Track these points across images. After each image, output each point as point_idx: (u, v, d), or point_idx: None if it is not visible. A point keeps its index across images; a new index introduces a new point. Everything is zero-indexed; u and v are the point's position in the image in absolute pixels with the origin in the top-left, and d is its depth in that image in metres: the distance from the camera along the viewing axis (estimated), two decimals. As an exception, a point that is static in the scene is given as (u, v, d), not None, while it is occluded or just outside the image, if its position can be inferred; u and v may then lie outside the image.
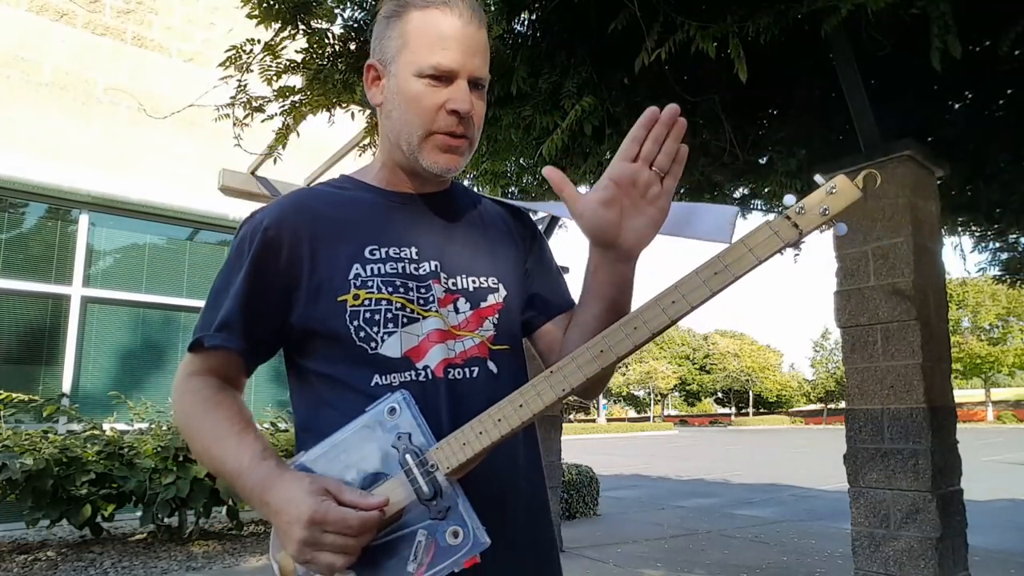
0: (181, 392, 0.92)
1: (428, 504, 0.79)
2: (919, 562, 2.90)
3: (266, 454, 0.83)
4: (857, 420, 3.19)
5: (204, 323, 0.93)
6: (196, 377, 0.92)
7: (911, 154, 3.13)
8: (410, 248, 0.96)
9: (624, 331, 0.78)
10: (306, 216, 0.95)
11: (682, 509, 8.83)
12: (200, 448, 0.88)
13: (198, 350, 0.92)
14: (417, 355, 0.91)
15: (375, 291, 0.91)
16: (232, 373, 0.94)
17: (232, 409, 0.89)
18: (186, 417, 0.90)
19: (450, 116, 0.93)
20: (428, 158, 0.95)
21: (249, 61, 3.87)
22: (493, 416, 0.80)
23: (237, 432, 0.85)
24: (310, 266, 0.92)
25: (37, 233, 6.52)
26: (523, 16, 3.63)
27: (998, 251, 6.42)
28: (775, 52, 3.18)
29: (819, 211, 0.73)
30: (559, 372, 0.79)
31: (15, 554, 4.89)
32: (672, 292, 0.77)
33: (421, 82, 0.92)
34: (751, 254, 0.74)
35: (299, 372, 0.96)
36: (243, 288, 0.91)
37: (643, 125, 0.85)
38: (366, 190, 1.02)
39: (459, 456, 0.79)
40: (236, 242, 0.95)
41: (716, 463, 17.67)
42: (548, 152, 3.62)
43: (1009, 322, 48.14)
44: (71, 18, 6.81)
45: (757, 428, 54.10)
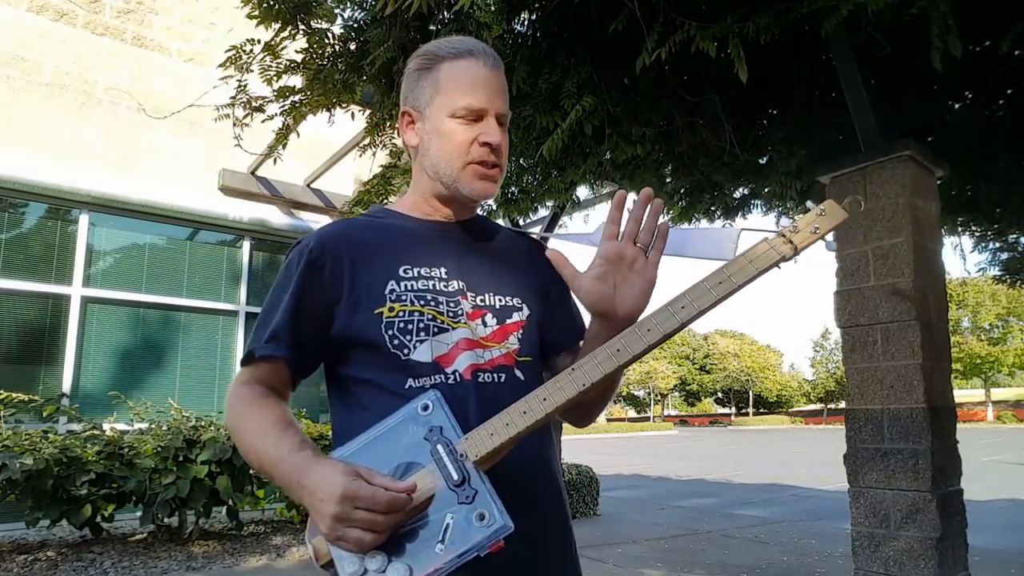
0: (232, 399, 1.01)
1: (456, 490, 0.84)
2: (919, 562, 2.90)
3: (304, 445, 0.90)
4: (857, 420, 3.19)
5: (256, 339, 1.03)
6: (246, 386, 1.01)
7: (911, 154, 3.13)
8: (440, 268, 1.07)
9: (639, 332, 0.86)
10: (346, 240, 1.07)
11: (682, 509, 8.83)
12: (246, 445, 0.96)
13: (249, 362, 1.03)
14: (447, 361, 1.00)
15: (408, 304, 1.02)
16: (279, 383, 1.04)
17: (276, 410, 0.97)
18: (235, 418, 0.99)
19: (482, 147, 1.06)
20: (468, 185, 1.07)
21: (249, 61, 3.87)
22: (519, 409, 0.86)
23: (280, 429, 0.93)
24: (350, 283, 1.02)
25: (37, 233, 6.52)
26: (523, 16, 3.63)
27: (998, 251, 6.42)
28: (775, 52, 3.18)
29: (810, 230, 0.85)
30: (579, 369, 0.86)
31: (15, 554, 4.89)
32: (682, 298, 0.86)
33: (456, 121, 1.06)
34: (751, 265, 0.85)
35: (338, 380, 1.06)
36: (290, 303, 1.02)
37: (617, 207, 1.00)
38: (399, 218, 1.14)
39: (487, 445, 0.85)
40: (284, 267, 1.07)
41: (716, 463, 17.67)
42: (548, 152, 3.62)
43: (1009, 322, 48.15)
44: (71, 18, 6.81)
45: (757, 428, 54.09)
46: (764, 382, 68.70)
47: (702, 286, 0.86)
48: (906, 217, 3.09)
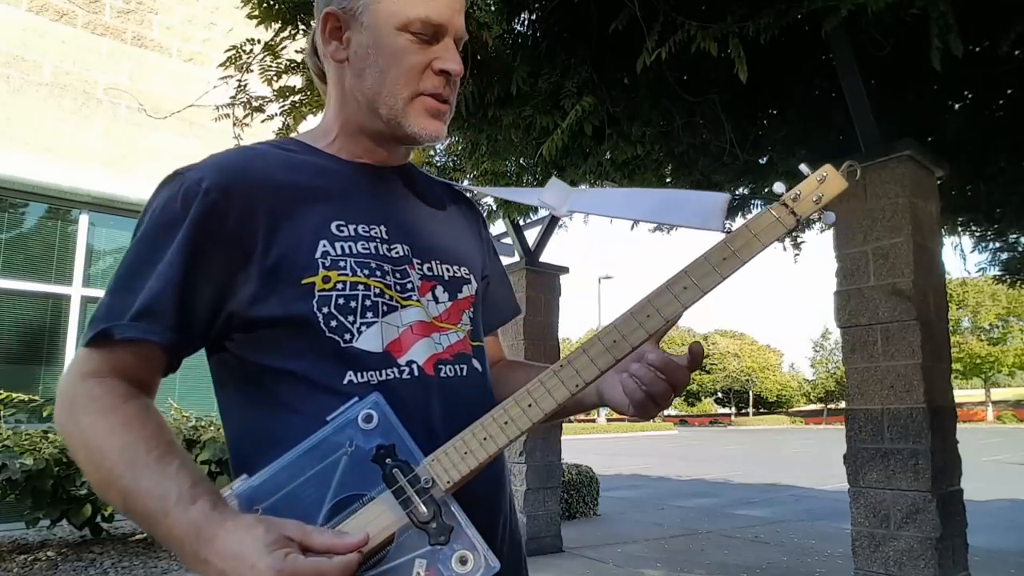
0: (73, 401, 0.70)
1: (425, 527, 0.66)
2: (919, 562, 2.90)
3: (197, 490, 0.64)
4: (857, 420, 3.19)
5: (112, 310, 0.72)
6: (95, 380, 0.71)
7: (911, 154, 3.13)
8: (379, 227, 0.83)
9: (637, 320, 0.73)
10: (258, 179, 0.79)
11: (682, 509, 8.83)
12: (103, 479, 0.67)
13: (101, 344, 0.72)
14: (398, 350, 0.78)
15: (349, 273, 0.77)
16: (146, 374, 0.75)
17: (146, 426, 0.69)
18: (82, 435, 0.68)
19: (438, 76, 0.84)
20: (415, 123, 0.84)
21: (249, 61, 3.87)
22: (499, 419, 0.70)
23: (156, 459, 0.66)
24: (264, 241, 0.75)
25: (37, 233, 6.52)
26: (523, 16, 3.63)
27: (998, 251, 6.42)
28: (775, 52, 3.18)
29: (812, 199, 0.74)
30: (570, 366, 0.72)
31: (15, 554, 4.89)
32: (683, 278, 0.73)
33: (405, 37, 0.82)
34: (757, 240, 0.74)
35: (238, 371, 0.78)
36: (176, 265, 0.72)
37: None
38: (320, 156, 0.87)
39: (461, 468, 0.68)
40: (157, 207, 0.76)
41: (716, 463, 17.67)
42: (548, 152, 3.62)
43: (1009, 322, 48.15)
44: (71, 18, 6.81)
45: (757, 428, 54.10)
46: (764, 382, 68.69)
47: (705, 264, 0.73)
48: (906, 217, 3.09)
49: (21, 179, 6.21)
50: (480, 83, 3.50)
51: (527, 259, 6.09)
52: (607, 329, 0.73)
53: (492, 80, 3.53)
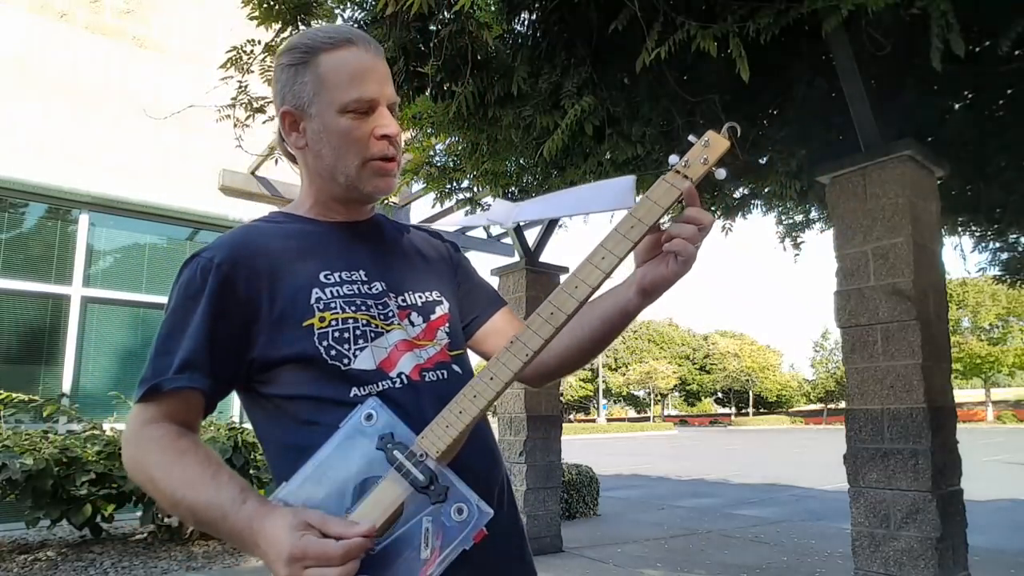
0: (137, 444, 0.88)
1: (426, 491, 0.81)
2: (919, 562, 2.90)
3: (246, 494, 0.82)
4: (857, 420, 3.19)
5: (157, 370, 0.90)
6: (153, 426, 0.89)
7: (911, 154, 3.13)
8: (359, 271, 1.01)
9: (567, 291, 0.86)
10: (257, 250, 0.98)
11: (682, 509, 8.83)
12: (172, 499, 0.84)
13: (152, 398, 0.90)
14: (389, 365, 0.95)
15: (339, 311, 0.95)
16: (191, 416, 0.93)
17: (199, 454, 0.87)
18: (149, 469, 0.87)
19: (380, 141, 0.99)
20: (368, 184, 1.01)
21: (250, 62, 3.88)
22: (467, 395, 0.83)
23: (211, 476, 0.83)
24: (269, 298, 0.94)
25: (37, 233, 6.52)
26: (523, 16, 3.63)
27: (998, 251, 6.42)
28: (775, 52, 3.18)
29: (700, 161, 0.87)
30: (518, 341, 0.84)
31: (15, 554, 4.89)
32: (600, 250, 0.86)
33: (347, 117, 0.98)
34: (656, 205, 0.87)
35: (266, 401, 0.96)
36: (203, 326, 0.91)
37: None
38: (303, 222, 1.06)
39: (444, 439, 0.82)
40: (182, 285, 0.95)
41: (716, 463, 17.67)
42: (548, 152, 3.62)
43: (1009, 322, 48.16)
44: (71, 18, 6.81)
45: (757, 428, 54.10)
46: (764, 382, 68.71)
47: (616, 234, 0.86)
48: (906, 217, 3.09)
49: (21, 179, 6.22)
50: (480, 83, 3.50)
51: (527, 259, 6.09)
52: (544, 304, 0.86)
53: (492, 80, 3.53)
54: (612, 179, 0.98)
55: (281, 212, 1.10)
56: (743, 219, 5.74)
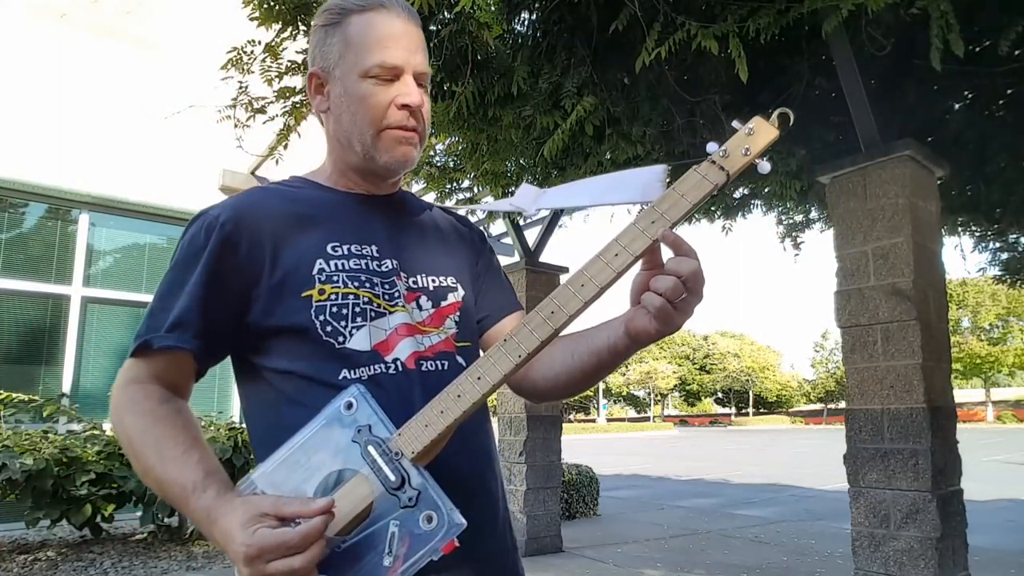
0: (120, 403, 0.85)
1: (396, 493, 0.76)
2: (919, 562, 2.90)
3: (209, 480, 0.78)
4: (857, 420, 3.19)
5: (151, 326, 0.87)
6: (137, 385, 0.86)
7: (911, 154, 3.13)
8: (370, 246, 0.96)
9: (572, 289, 0.77)
10: (265, 213, 0.93)
11: (682, 509, 8.83)
12: (142, 469, 0.82)
13: (143, 354, 0.87)
14: (385, 349, 0.90)
15: (341, 285, 0.90)
16: (181, 378, 0.89)
17: (176, 425, 0.83)
18: (126, 432, 0.83)
19: (400, 111, 0.94)
20: (384, 153, 0.96)
21: (250, 62, 3.87)
22: (451, 393, 0.77)
23: (181, 453, 0.80)
24: (271, 263, 0.90)
25: (37, 233, 6.52)
26: (523, 16, 3.63)
27: (998, 251, 6.42)
28: (775, 52, 3.19)
29: (741, 152, 0.76)
30: (512, 339, 0.77)
31: (15, 554, 4.89)
32: (613, 245, 0.77)
33: (368, 82, 0.94)
34: (684, 199, 0.76)
35: (256, 373, 0.92)
36: (199, 285, 0.87)
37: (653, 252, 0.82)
38: (321, 189, 1.02)
39: (422, 439, 0.76)
40: (186, 241, 0.92)
41: (716, 463, 17.67)
42: (549, 152, 3.63)
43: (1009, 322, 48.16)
44: (71, 18, 6.81)
45: (757, 428, 54.10)
46: (764, 382, 68.71)
47: (634, 229, 0.76)
48: (906, 217, 3.09)
49: (21, 179, 6.21)
50: (480, 83, 3.50)
51: (527, 259, 6.09)
52: (545, 302, 0.77)
53: (492, 80, 3.53)
54: (641, 168, 0.90)
55: (299, 177, 1.06)
56: (743, 219, 5.75)
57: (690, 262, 0.77)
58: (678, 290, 0.77)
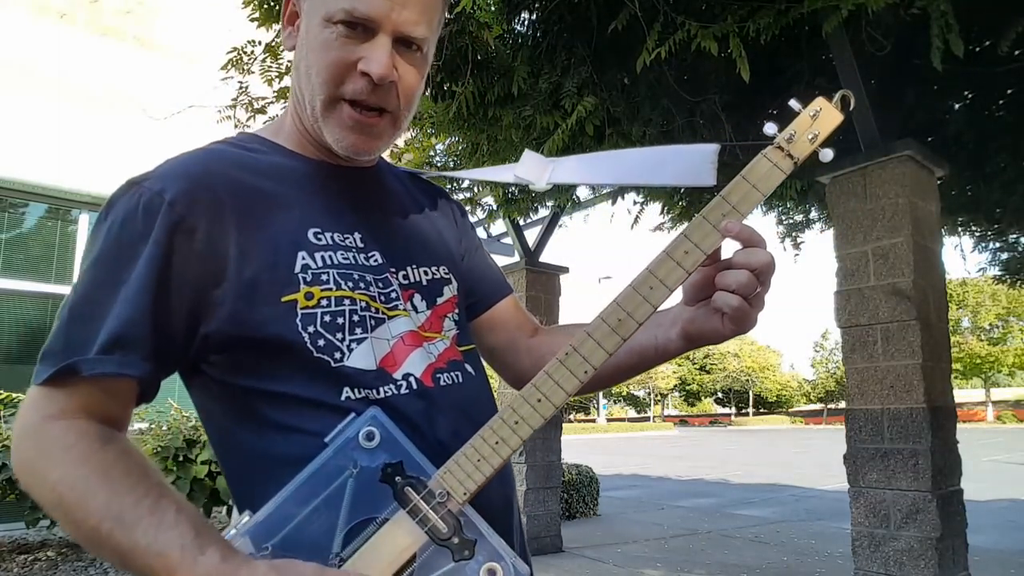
0: (38, 450, 0.61)
1: (446, 543, 0.63)
2: (919, 562, 2.90)
3: (200, 539, 0.57)
4: (857, 420, 3.19)
5: (73, 342, 0.63)
6: (62, 426, 0.62)
7: (911, 154, 3.13)
8: (353, 234, 0.76)
9: (640, 294, 0.67)
10: (224, 186, 0.71)
11: (682, 509, 8.83)
12: (91, 538, 0.59)
13: (65, 383, 0.63)
14: (392, 364, 0.72)
15: (332, 287, 0.70)
16: (118, 410, 0.66)
17: (130, 473, 0.61)
18: (57, 486, 0.60)
19: (361, 79, 0.72)
20: (333, 134, 0.75)
21: (250, 63, 3.87)
22: (508, 419, 0.65)
23: (149, 508, 0.58)
24: (238, 256, 0.68)
25: (37, 233, 6.52)
26: (523, 16, 3.63)
27: (998, 251, 6.42)
28: (775, 52, 3.19)
29: (808, 137, 0.69)
30: (575, 354, 0.66)
31: (15, 554, 4.89)
32: (683, 242, 0.67)
33: (331, 30, 0.71)
34: (755, 190, 0.68)
35: (225, 394, 0.71)
36: (144, 289, 0.64)
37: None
38: (285, 155, 0.80)
39: (476, 477, 0.64)
40: (116, 225, 0.67)
41: (716, 463, 17.67)
42: (549, 152, 3.63)
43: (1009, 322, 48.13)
44: (71, 18, 6.81)
45: (757, 428, 54.11)
46: (764, 382, 68.69)
47: (704, 225, 0.67)
48: (906, 217, 3.09)
49: (21, 179, 6.22)
50: (480, 83, 3.51)
51: (527, 259, 6.09)
52: (610, 308, 0.67)
53: (492, 80, 3.53)
54: (686, 146, 0.79)
55: (256, 136, 0.83)
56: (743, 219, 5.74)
57: (763, 253, 0.68)
58: (752, 285, 0.68)
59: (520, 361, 0.95)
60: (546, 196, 5.16)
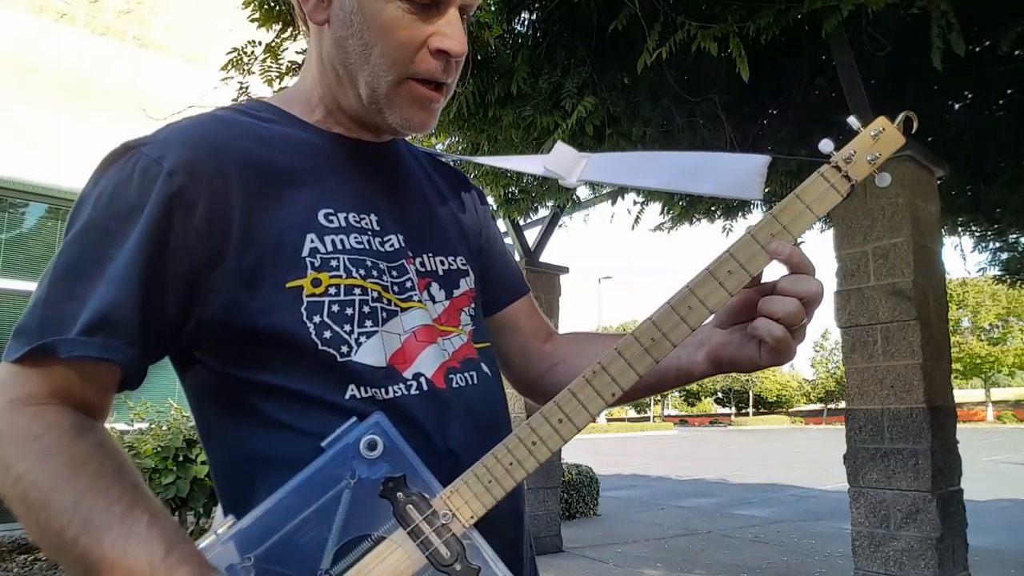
0: (5, 437, 0.55)
1: (447, 570, 0.57)
2: (919, 562, 2.90)
3: (173, 557, 0.52)
4: (857, 420, 3.19)
5: (49, 320, 0.57)
6: (30, 412, 0.56)
7: (911, 154, 3.13)
8: (370, 215, 0.71)
9: (679, 312, 0.62)
10: (230, 158, 0.64)
11: (682, 509, 8.83)
12: (52, 542, 0.53)
13: (38, 362, 0.56)
14: (402, 361, 0.67)
15: (342, 275, 0.65)
16: (97, 396, 0.60)
17: (103, 470, 0.55)
18: (18, 486, 0.54)
19: (435, 58, 0.68)
20: (399, 113, 0.70)
21: (250, 63, 3.88)
22: (526, 440, 0.60)
23: (121, 514, 0.52)
24: (241, 235, 0.62)
25: (37, 233, 6.52)
26: (523, 16, 3.63)
27: (998, 251, 6.43)
28: (775, 52, 3.19)
29: (868, 159, 0.65)
30: (604, 373, 0.62)
31: (15, 554, 4.89)
32: (728, 261, 0.63)
33: (397, 6, 0.65)
34: (809, 211, 0.63)
35: (219, 385, 0.66)
36: (135, 266, 0.58)
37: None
38: (299, 127, 0.73)
39: (485, 500, 0.59)
40: (107, 193, 0.63)
41: (716, 463, 17.67)
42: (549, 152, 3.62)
43: (1009, 322, 48.13)
44: (71, 18, 6.82)
45: (757, 428, 54.11)
46: (764, 382, 68.68)
47: (752, 244, 0.63)
48: (906, 217, 3.10)
49: (21, 179, 6.22)
50: (481, 83, 3.51)
51: (527, 259, 6.09)
52: (644, 327, 0.63)
53: (492, 80, 3.53)
54: (738, 155, 0.75)
55: (267, 103, 0.76)
56: (743, 219, 5.74)
57: (814, 282, 0.64)
58: (800, 316, 0.63)
59: (532, 367, 0.90)
60: (546, 196, 5.16)
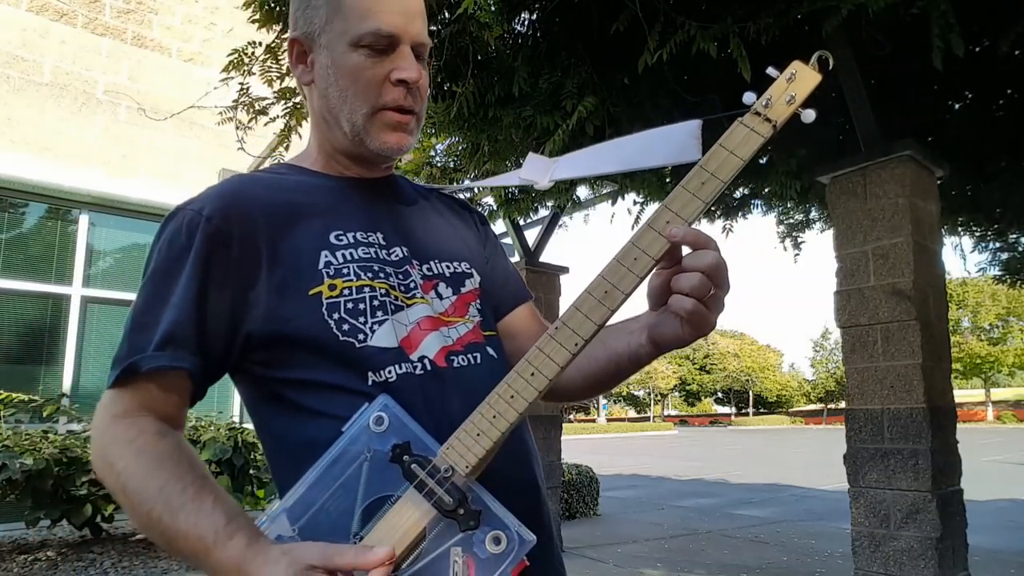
0: (106, 446, 0.73)
1: (454, 515, 0.67)
2: (919, 562, 2.90)
3: (231, 526, 0.66)
4: (857, 420, 3.19)
5: (134, 346, 0.75)
6: (126, 423, 0.73)
7: (911, 154, 3.13)
8: (375, 233, 0.86)
9: (624, 266, 0.69)
10: (254, 203, 0.82)
11: (682, 509, 8.83)
12: (146, 519, 0.69)
13: (129, 381, 0.74)
14: (409, 346, 0.80)
15: (353, 278, 0.79)
16: (173, 407, 0.76)
17: (180, 464, 0.71)
18: (119, 481, 0.70)
19: (397, 88, 0.84)
20: (377, 138, 0.85)
21: (251, 64, 3.88)
22: (504, 394, 0.68)
23: (192, 496, 0.68)
24: (269, 260, 0.78)
25: (37, 233, 6.52)
26: (523, 16, 3.63)
27: (998, 251, 6.43)
28: (775, 52, 3.18)
29: (785, 100, 0.70)
30: (565, 327, 0.68)
31: (15, 554, 4.89)
32: (664, 212, 0.69)
33: (359, 53, 0.82)
34: (734, 156, 0.70)
35: (264, 388, 0.81)
36: (189, 292, 0.75)
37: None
38: (310, 175, 0.91)
39: (475, 450, 0.67)
40: (163, 244, 0.79)
41: (716, 463, 17.67)
42: (550, 153, 3.62)
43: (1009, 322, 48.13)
44: (71, 18, 6.81)
45: (757, 428, 54.10)
46: (764, 382, 68.70)
47: (684, 194, 0.69)
48: (906, 217, 3.10)
49: (21, 179, 6.21)
50: (481, 83, 3.51)
51: (527, 259, 6.09)
52: (596, 281, 0.69)
53: (492, 80, 3.53)
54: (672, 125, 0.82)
55: (284, 164, 0.95)
56: (743, 219, 5.75)
57: (710, 254, 0.71)
58: (706, 286, 0.70)
59: None
60: (546, 196, 5.16)
